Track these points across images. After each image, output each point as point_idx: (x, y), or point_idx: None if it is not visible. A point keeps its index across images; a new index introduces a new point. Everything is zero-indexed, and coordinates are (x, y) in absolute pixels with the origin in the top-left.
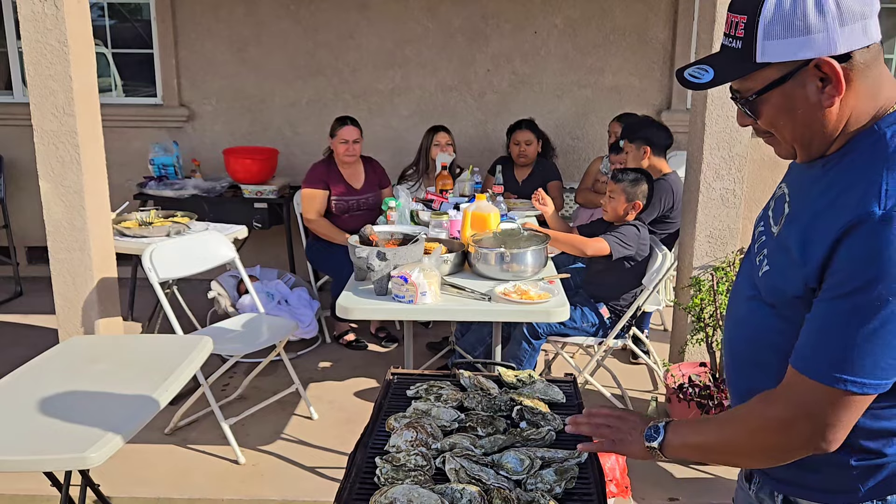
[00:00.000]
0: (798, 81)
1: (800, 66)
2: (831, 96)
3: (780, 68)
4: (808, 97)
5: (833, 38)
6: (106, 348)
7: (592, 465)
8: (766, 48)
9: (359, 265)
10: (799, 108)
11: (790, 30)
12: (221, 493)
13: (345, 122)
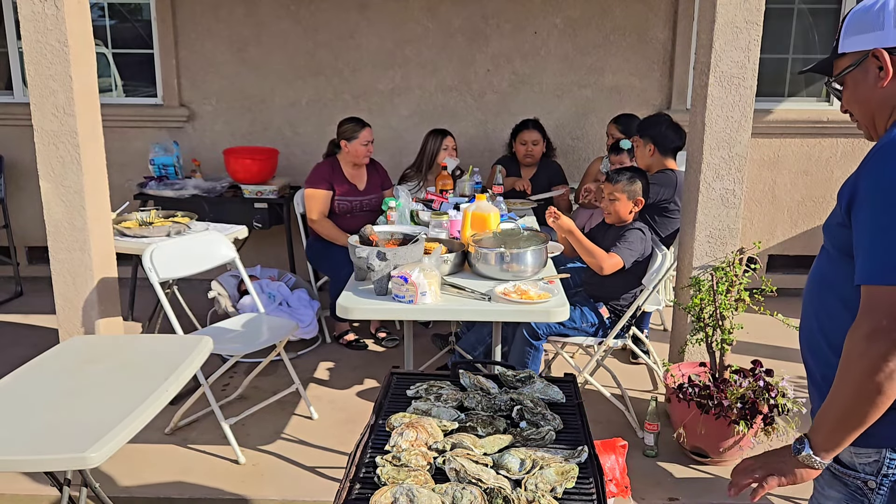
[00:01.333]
0: (864, 67)
1: (863, 55)
2: (882, 79)
3: (852, 57)
4: (868, 80)
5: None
6: (106, 348)
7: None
8: (844, 43)
9: (359, 265)
10: (861, 90)
11: (860, 26)
12: (221, 492)
13: (364, 125)
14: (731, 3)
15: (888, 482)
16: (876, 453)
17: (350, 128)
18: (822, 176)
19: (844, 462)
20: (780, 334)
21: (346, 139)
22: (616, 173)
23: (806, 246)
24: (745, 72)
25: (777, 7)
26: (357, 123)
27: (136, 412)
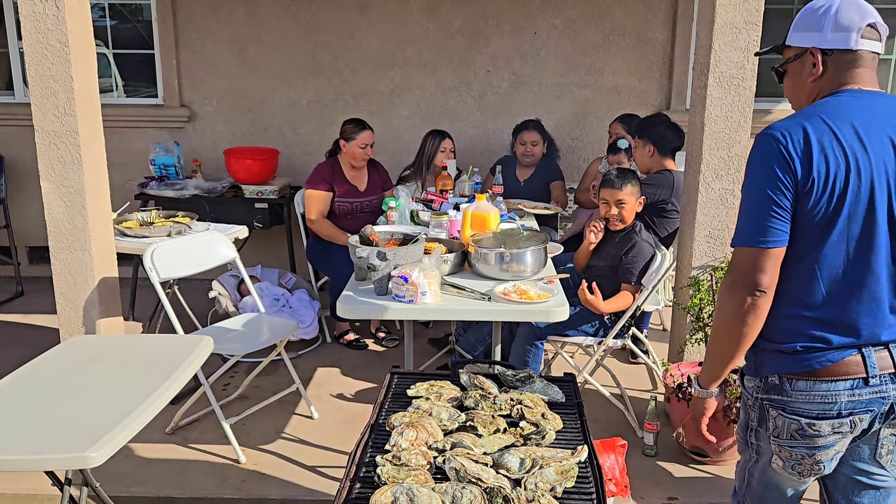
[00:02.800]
0: (801, 61)
1: (804, 50)
2: (813, 75)
3: (794, 50)
4: (803, 73)
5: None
6: (107, 348)
7: (592, 464)
8: (792, 35)
9: (359, 265)
10: (797, 80)
11: (805, 26)
12: (222, 492)
13: (364, 127)
14: (731, 3)
15: (758, 403)
16: (754, 380)
17: (350, 129)
18: None
19: (746, 387)
20: None
21: (346, 139)
22: (616, 177)
23: None
24: (745, 72)
25: (777, 7)
26: (357, 125)
27: (136, 412)
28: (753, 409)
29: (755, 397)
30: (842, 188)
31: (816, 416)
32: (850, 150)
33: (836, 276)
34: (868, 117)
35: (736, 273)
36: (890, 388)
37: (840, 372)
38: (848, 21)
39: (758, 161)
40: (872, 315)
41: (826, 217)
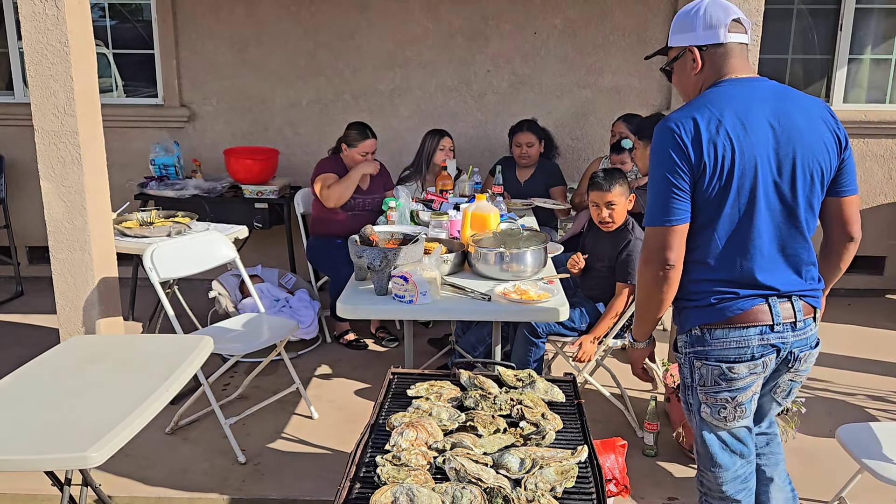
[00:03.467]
0: (684, 59)
1: (684, 49)
2: (695, 69)
3: (676, 51)
4: (686, 69)
5: (699, 36)
6: (107, 348)
7: (592, 464)
8: (672, 37)
9: (359, 265)
10: (682, 76)
11: (681, 28)
12: (222, 492)
13: (367, 136)
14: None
15: (687, 358)
16: (682, 338)
17: (353, 134)
18: None
19: (678, 348)
20: None
21: (348, 144)
22: (605, 180)
23: None
24: None
25: (777, 7)
26: (361, 133)
27: (136, 412)
28: (685, 367)
29: (684, 353)
30: (729, 167)
31: (734, 360)
32: (734, 134)
33: (731, 241)
34: (747, 103)
35: (649, 250)
36: (790, 335)
37: (750, 319)
38: (715, 19)
39: (658, 151)
40: (766, 270)
41: (719, 193)
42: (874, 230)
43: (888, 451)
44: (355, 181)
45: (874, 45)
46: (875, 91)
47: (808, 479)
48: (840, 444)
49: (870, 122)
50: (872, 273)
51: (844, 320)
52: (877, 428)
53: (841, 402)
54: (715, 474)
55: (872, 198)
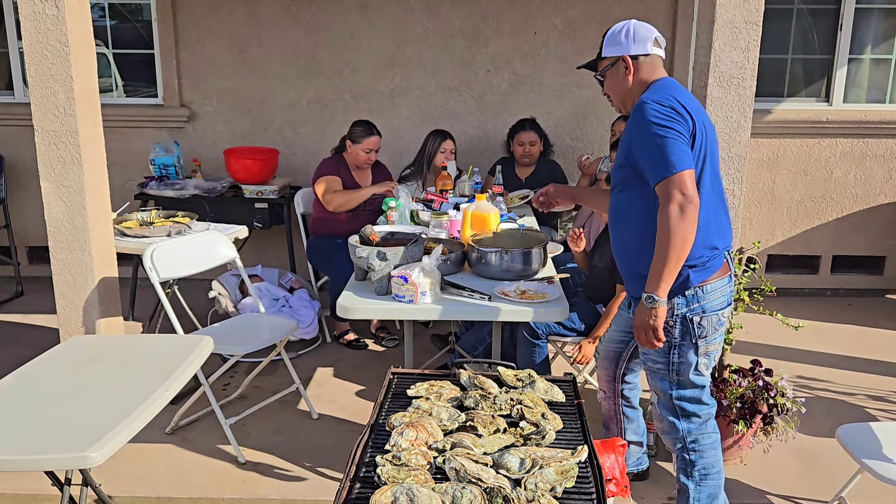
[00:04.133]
0: (616, 66)
1: (616, 59)
2: (629, 75)
3: (610, 60)
4: (619, 76)
5: (630, 48)
6: (106, 348)
7: (592, 464)
8: (605, 49)
9: (359, 265)
10: (616, 82)
11: (614, 42)
12: (222, 492)
13: (372, 132)
14: (731, 3)
15: (680, 318)
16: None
17: (358, 131)
18: (822, 176)
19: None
20: (779, 334)
21: (352, 140)
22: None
23: (805, 246)
24: (745, 72)
25: (777, 7)
26: (366, 129)
27: (136, 412)
28: (675, 328)
29: (677, 315)
30: (702, 137)
31: (725, 306)
32: (695, 112)
33: (710, 200)
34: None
35: (682, 194)
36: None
37: (724, 270)
38: (643, 35)
39: (660, 118)
40: (723, 230)
41: (701, 158)
42: (874, 230)
43: (888, 451)
44: (361, 199)
45: (874, 45)
46: (875, 91)
47: (808, 479)
48: (840, 444)
49: (870, 122)
50: (872, 273)
51: (844, 320)
52: (877, 428)
53: (841, 402)
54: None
55: (872, 198)
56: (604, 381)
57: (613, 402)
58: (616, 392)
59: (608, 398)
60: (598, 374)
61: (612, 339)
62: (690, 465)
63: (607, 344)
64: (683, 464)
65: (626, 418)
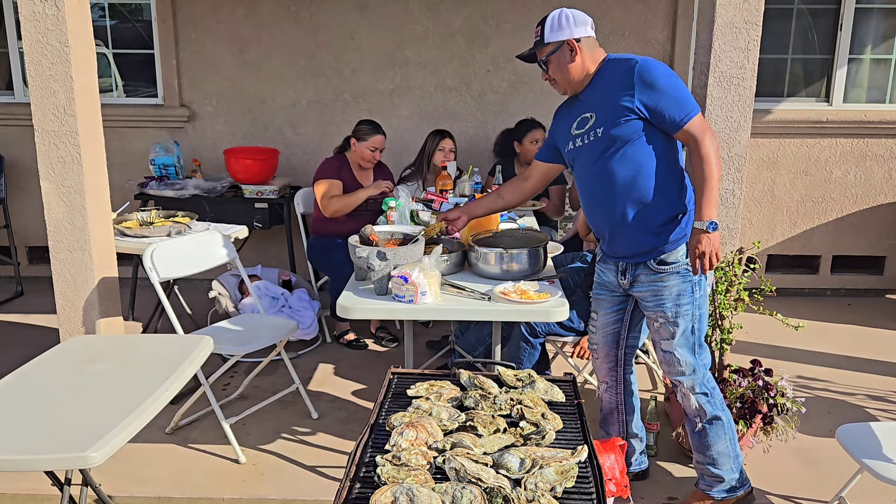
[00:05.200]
0: (561, 50)
1: (561, 42)
2: (574, 57)
3: (555, 45)
4: (566, 58)
5: (574, 31)
6: (106, 348)
7: (592, 464)
8: (548, 36)
9: (359, 265)
10: (564, 64)
11: (557, 27)
12: (222, 492)
13: (378, 131)
14: (731, 3)
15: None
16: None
17: (364, 129)
18: (821, 176)
19: (672, 262)
20: (779, 334)
21: (357, 139)
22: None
23: (805, 246)
24: (745, 72)
25: (777, 7)
26: (372, 128)
27: (136, 412)
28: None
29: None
30: None
31: None
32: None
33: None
34: None
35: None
36: None
37: None
38: (582, 19)
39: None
40: None
41: None
42: (874, 230)
43: (888, 451)
44: (357, 202)
45: (874, 44)
46: (875, 91)
47: (808, 479)
48: (840, 444)
49: (870, 122)
50: (872, 273)
51: (844, 320)
52: (877, 428)
53: (841, 402)
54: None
55: (872, 198)
56: (605, 371)
57: (616, 393)
58: (619, 379)
59: (610, 388)
60: (597, 367)
61: (605, 321)
62: (711, 395)
63: (602, 329)
64: (704, 397)
65: (627, 409)
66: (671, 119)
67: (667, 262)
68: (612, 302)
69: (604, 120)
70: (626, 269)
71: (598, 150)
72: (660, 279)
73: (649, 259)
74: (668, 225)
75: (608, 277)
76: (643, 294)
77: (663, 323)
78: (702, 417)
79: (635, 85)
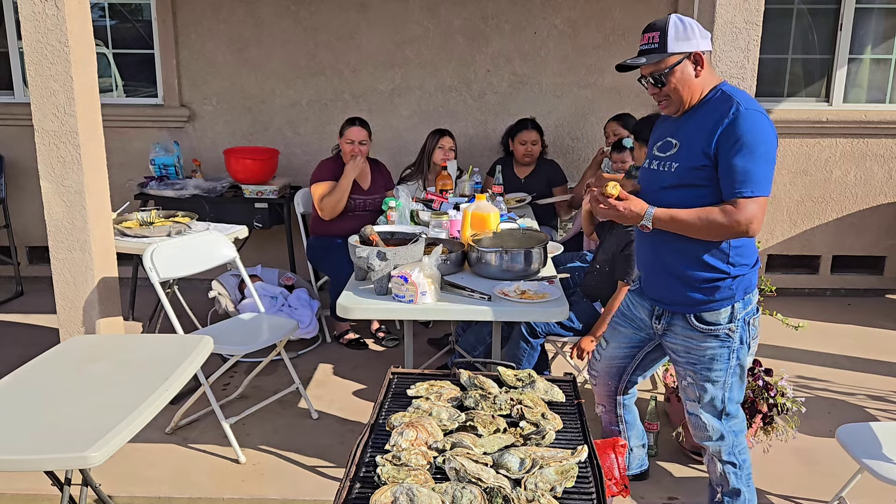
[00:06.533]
0: (684, 64)
1: (688, 55)
2: (699, 72)
3: (680, 56)
4: (690, 72)
5: (700, 43)
6: (106, 348)
7: (592, 464)
8: (672, 45)
9: (359, 265)
10: (688, 79)
11: (684, 36)
12: (222, 492)
13: (353, 123)
14: (731, 3)
15: (740, 321)
16: (728, 309)
17: (343, 125)
18: (822, 176)
19: (712, 322)
20: (779, 334)
21: (339, 135)
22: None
23: (805, 246)
24: (745, 72)
25: (777, 7)
26: (348, 122)
27: (136, 412)
28: (736, 332)
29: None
30: None
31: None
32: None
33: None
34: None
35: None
36: None
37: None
38: (705, 31)
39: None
40: None
41: None
42: (874, 230)
43: (888, 451)
44: (346, 188)
45: (874, 44)
46: (875, 91)
47: (808, 479)
48: (840, 444)
49: (870, 122)
50: (872, 273)
51: (844, 320)
52: (877, 428)
53: (841, 402)
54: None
55: (872, 198)
56: (603, 396)
57: (614, 414)
58: (617, 404)
59: (608, 411)
60: (597, 391)
61: (614, 355)
62: (738, 467)
63: (608, 361)
64: (731, 467)
65: (627, 425)
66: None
67: (705, 321)
68: (630, 338)
69: (684, 156)
70: (662, 315)
71: (665, 182)
72: (695, 337)
73: (687, 312)
74: (711, 284)
75: (638, 313)
76: (675, 347)
77: (691, 383)
78: (724, 487)
79: (721, 132)
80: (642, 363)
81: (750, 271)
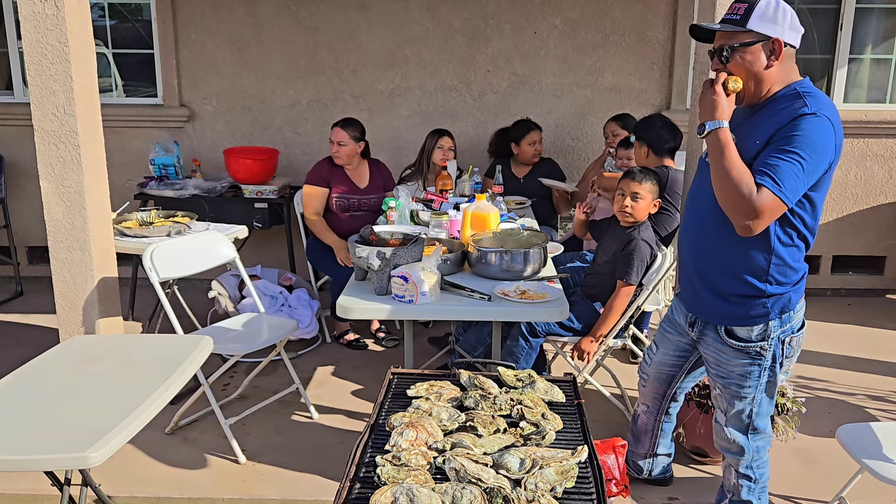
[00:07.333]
0: (761, 47)
1: (765, 37)
2: (773, 62)
3: (756, 36)
4: (762, 58)
5: (785, 32)
6: (106, 348)
7: (592, 464)
8: (753, 22)
9: (359, 265)
10: (755, 64)
11: (771, 18)
12: (221, 492)
13: (336, 124)
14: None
15: (773, 340)
16: (762, 327)
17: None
18: None
19: (742, 338)
20: None
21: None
22: (642, 173)
23: None
24: None
25: None
26: (337, 122)
27: (136, 412)
28: (769, 350)
29: (772, 338)
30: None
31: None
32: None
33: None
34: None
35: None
36: None
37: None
38: (798, 24)
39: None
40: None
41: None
42: (874, 230)
43: (888, 451)
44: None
45: (874, 44)
46: (875, 91)
47: (808, 479)
48: (840, 444)
49: (870, 122)
50: (872, 273)
51: (844, 320)
52: (877, 428)
53: (841, 402)
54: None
55: (872, 198)
56: (649, 397)
57: (655, 418)
58: (661, 409)
59: (649, 412)
60: (643, 391)
61: (663, 361)
62: (754, 481)
63: (657, 366)
64: (746, 480)
65: (663, 432)
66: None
67: (735, 336)
68: (676, 344)
69: (742, 151)
70: (695, 323)
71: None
72: (726, 351)
73: (718, 323)
74: (744, 300)
75: (678, 318)
76: (707, 357)
77: (719, 394)
78: (734, 496)
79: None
80: (691, 371)
81: (791, 290)
